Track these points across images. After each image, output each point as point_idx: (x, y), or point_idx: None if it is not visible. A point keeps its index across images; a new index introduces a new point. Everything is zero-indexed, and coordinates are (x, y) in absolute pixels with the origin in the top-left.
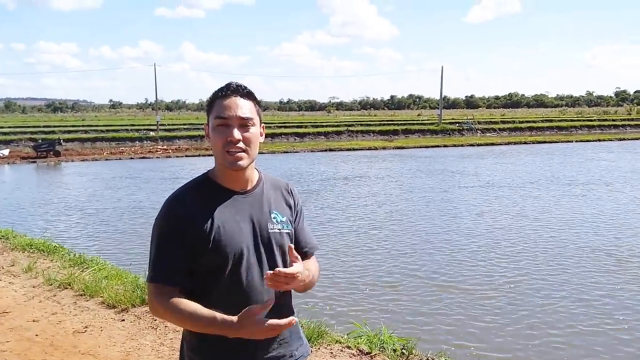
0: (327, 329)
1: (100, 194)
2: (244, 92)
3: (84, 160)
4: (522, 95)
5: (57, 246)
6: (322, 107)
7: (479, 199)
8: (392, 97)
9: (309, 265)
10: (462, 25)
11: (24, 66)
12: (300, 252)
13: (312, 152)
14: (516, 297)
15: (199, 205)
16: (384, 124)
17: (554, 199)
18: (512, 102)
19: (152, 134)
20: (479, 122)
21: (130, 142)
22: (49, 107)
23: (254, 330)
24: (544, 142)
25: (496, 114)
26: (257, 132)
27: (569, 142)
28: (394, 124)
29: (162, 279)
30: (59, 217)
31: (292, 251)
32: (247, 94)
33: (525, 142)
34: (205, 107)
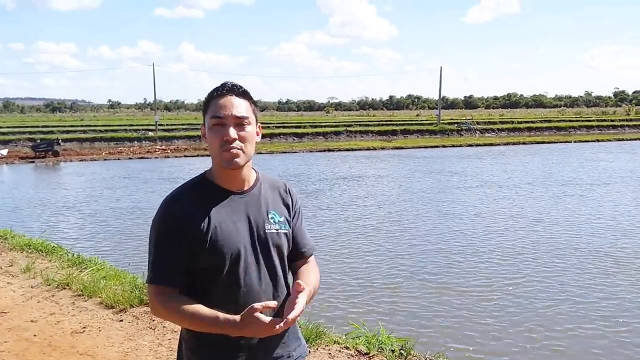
0: (326, 330)
1: (98, 194)
2: (239, 91)
3: (82, 160)
4: (521, 95)
5: (55, 246)
6: (321, 108)
7: (477, 200)
8: (390, 97)
9: (309, 272)
10: (461, 25)
11: (23, 66)
12: (298, 252)
13: (310, 152)
14: (515, 299)
15: (197, 205)
16: (383, 124)
17: (553, 199)
18: (511, 102)
19: (151, 134)
20: (478, 123)
21: (128, 142)
22: (47, 107)
23: (257, 328)
24: (542, 143)
25: (495, 114)
26: (253, 131)
27: (567, 142)
28: (393, 124)
29: (161, 280)
30: (57, 217)
31: (299, 286)
32: (242, 93)
33: (524, 143)
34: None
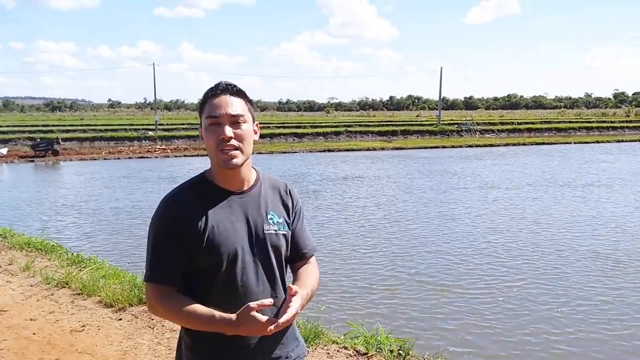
0: (324, 330)
1: (98, 193)
2: (233, 90)
3: (82, 159)
4: (521, 96)
5: (54, 245)
6: (321, 108)
7: (477, 201)
8: (391, 97)
9: (308, 273)
10: (461, 26)
11: (23, 65)
12: (299, 253)
13: (310, 152)
14: (515, 301)
15: (195, 205)
16: (383, 125)
17: (553, 200)
18: (511, 103)
19: (151, 133)
20: (478, 123)
21: (128, 142)
22: (47, 106)
23: (252, 327)
24: (542, 144)
25: (495, 115)
26: (250, 129)
27: (567, 143)
28: (393, 125)
29: (159, 279)
30: (56, 216)
31: (291, 290)
32: (237, 92)
33: (523, 144)
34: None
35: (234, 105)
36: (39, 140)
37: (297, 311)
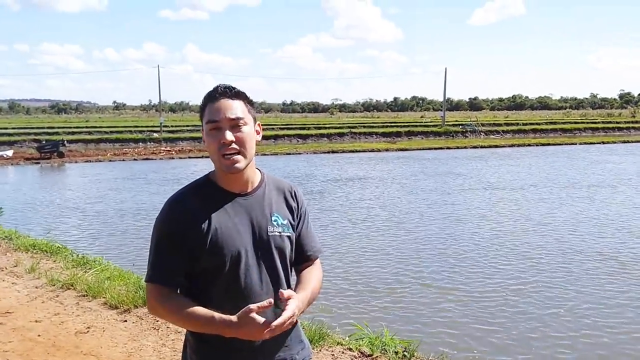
0: (329, 331)
1: (103, 195)
2: (232, 93)
3: (87, 161)
4: (526, 97)
5: (60, 247)
6: (325, 109)
7: (482, 202)
8: (395, 99)
9: (311, 275)
10: (465, 27)
11: (28, 67)
12: (304, 255)
13: (314, 153)
14: (520, 301)
15: (199, 207)
16: (387, 126)
17: (559, 201)
18: (516, 104)
19: (156, 135)
20: (483, 124)
21: (133, 144)
22: (52, 109)
23: (252, 330)
24: (547, 145)
25: (500, 116)
26: (251, 131)
27: (572, 144)
28: (397, 126)
29: (160, 280)
30: (62, 218)
31: (282, 294)
32: (235, 94)
33: (529, 144)
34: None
35: (233, 108)
36: (44, 142)
37: (292, 314)
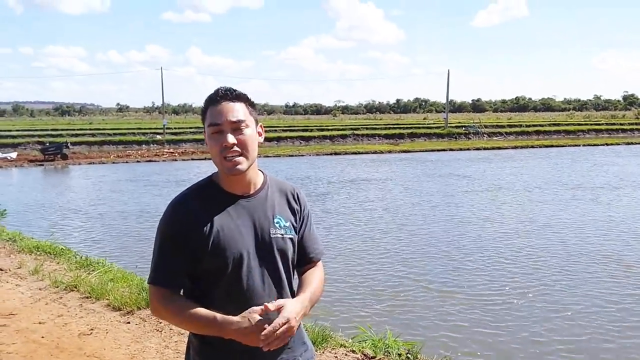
0: (332, 333)
1: (106, 197)
2: (233, 95)
3: (91, 163)
4: (529, 99)
5: (63, 249)
6: (328, 111)
7: (486, 204)
8: (398, 100)
9: (312, 276)
10: (468, 29)
11: (32, 70)
12: (306, 257)
13: (317, 155)
14: (524, 305)
15: (201, 209)
16: (390, 128)
17: (563, 203)
18: (519, 105)
19: (159, 137)
20: (486, 126)
21: (137, 146)
22: (56, 111)
23: (252, 330)
24: (551, 146)
25: (503, 117)
26: (253, 133)
27: (576, 146)
28: (400, 128)
29: (162, 282)
30: (65, 220)
31: (267, 309)
32: (236, 97)
33: (532, 146)
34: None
35: (235, 111)
36: (48, 144)
37: (285, 320)
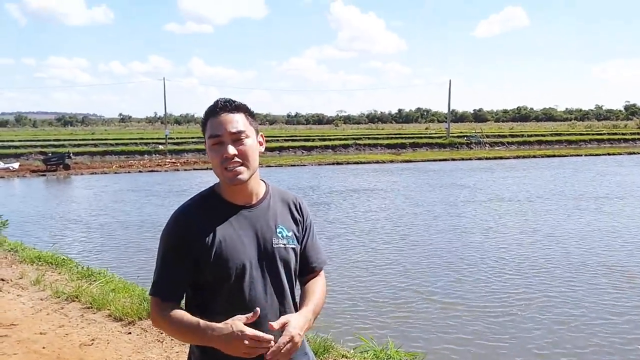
0: (334, 344)
1: (108, 207)
2: (232, 106)
3: (93, 173)
4: (531, 108)
5: (65, 259)
6: (330, 121)
7: (488, 214)
8: (399, 110)
9: (316, 286)
10: (470, 39)
11: (34, 80)
12: (309, 267)
13: (319, 165)
14: (527, 316)
15: (204, 219)
16: (392, 138)
17: (566, 213)
18: (521, 115)
19: (161, 147)
20: (488, 136)
21: (139, 156)
22: (59, 121)
23: (234, 342)
24: (553, 156)
25: (505, 127)
26: (253, 143)
27: (578, 156)
28: (402, 138)
29: (162, 294)
30: (67, 230)
31: (272, 327)
32: (236, 108)
33: (534, 156)
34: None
35: (234, 122)
36: (50, 154)
37: (289, 339)
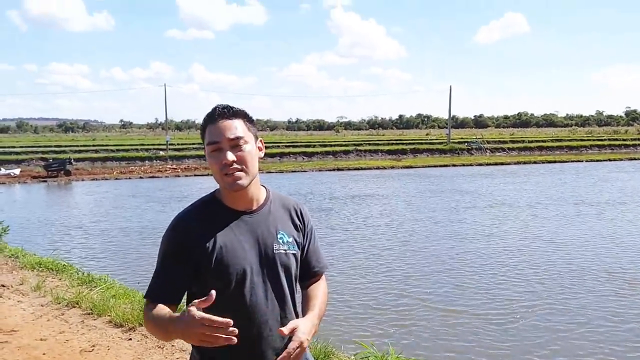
0: (334, 350)
1: (109, 213)
2: (230, 112)
3: (94, 179)
4: (532, 114)
5: (65, 265)
6: (331, 127)
7: (489, 220)
8: (400, 116)
9: (318, 290)
10: (470, 45)
11: (36, 87)
12: (311, 272)
13: (320, 171)
14: (528, 323)
15: (204, 225)
16: (393, 144)
17: (567, 219)
18: (522, 121)
19: (162, 153)
20: (488, 142)
21: (140, 162)
22: (60, 127)
23: (189, 330)
24: (554, 162)
25: (505, 133)
26: (252, 149)
27: (579, 161)
28: (403, 144)
29: (153, 295)
30: (68, 236)
31: (282, 333)
32: (234, 114)
33: (535, 162)
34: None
35: (233, 128)
36: (51, 160)
37: (298, 344)
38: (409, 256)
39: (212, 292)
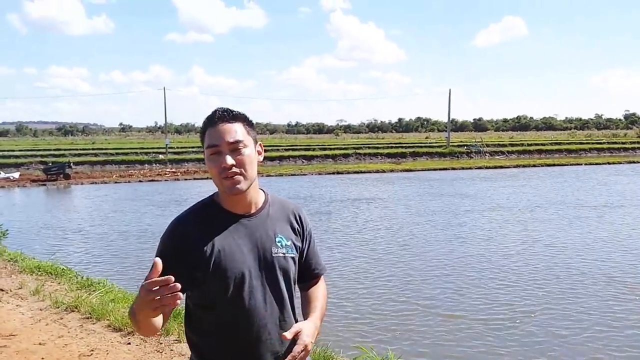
0: (333, 354)
1: (108, 216)
2: (230, 116)
3: (93, 183)
4: (531, 118)
5: (64, 269)
6: (330, 130)
7: (488, 223)
8: (399, 119)
9: (318, 293)
10: (469, 48)
11: (35, 90)
12: (310, 274)
13: (319, 174)
14: (528, 327)
15: (202, 228)
16: (392, 147)
17: (567, 223)
18: (521, 124)
19: (161, 157)
20: (488, 145)
21: (139, 165)
22: (59, 131)
23: (142, 304)
24: (553, 165)
25: (505, 136)
26: (251, 152)
27: (578, 164)
28: (402, 147)
29: None
30: (67, 240)
31: (285, 338)
32: (234, 117)
33: (534, 165)
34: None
35: (232, 131)
36: (50, 164)
37: (302, 348)
38: (409, 260)
39: (157, 260)
